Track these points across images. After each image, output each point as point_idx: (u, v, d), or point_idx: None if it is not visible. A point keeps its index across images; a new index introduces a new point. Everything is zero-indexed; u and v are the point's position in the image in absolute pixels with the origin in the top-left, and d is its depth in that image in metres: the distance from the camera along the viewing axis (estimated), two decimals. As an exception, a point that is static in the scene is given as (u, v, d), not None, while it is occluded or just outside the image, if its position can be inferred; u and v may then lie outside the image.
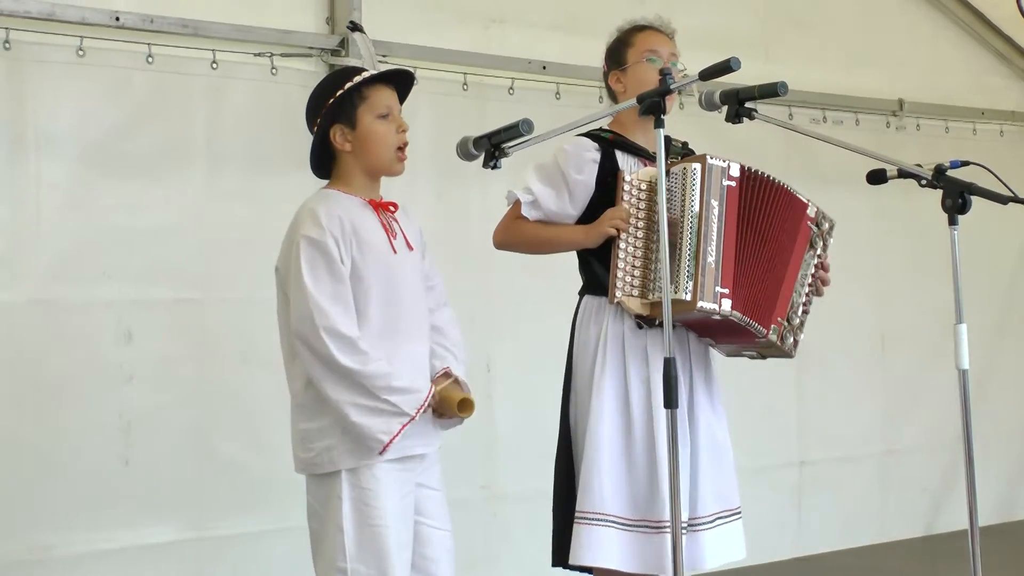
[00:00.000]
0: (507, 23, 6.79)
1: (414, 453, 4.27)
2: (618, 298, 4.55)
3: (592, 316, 4.68)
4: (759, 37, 7.71)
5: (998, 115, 8.81)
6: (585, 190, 4.67)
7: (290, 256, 4.23)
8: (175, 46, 5.77)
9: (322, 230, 4.19)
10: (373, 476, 4.19)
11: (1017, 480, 8.91)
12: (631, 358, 4.59)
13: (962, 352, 4.36)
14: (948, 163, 4.49)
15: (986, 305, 8.45)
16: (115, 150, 5.66)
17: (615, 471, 4.54)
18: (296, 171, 4.57)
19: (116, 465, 5.62)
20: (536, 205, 4.68)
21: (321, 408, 4.18)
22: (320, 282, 4.16)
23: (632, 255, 4.55)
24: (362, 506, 4.19)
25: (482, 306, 6.43)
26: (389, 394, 4.13)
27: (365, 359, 4.12)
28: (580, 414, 4.67)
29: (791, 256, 4.66)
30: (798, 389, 7.70)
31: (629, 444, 4.56)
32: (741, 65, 4.04)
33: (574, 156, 4.67)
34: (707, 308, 4.44)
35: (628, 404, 4.57)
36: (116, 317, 5.65)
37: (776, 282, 4.63)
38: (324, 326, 4.11)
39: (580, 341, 4.70)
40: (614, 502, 4.53)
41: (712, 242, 4.46)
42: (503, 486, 6.68)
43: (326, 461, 4.20)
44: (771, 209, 4.62)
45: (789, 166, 6.72)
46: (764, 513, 7.52)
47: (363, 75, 4.36)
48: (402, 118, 4.39)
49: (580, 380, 4.68)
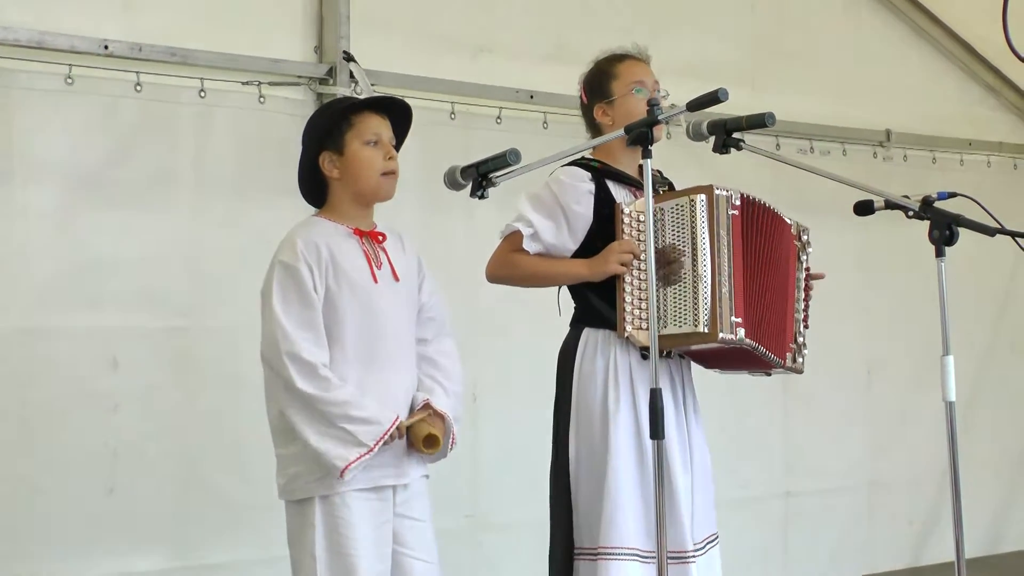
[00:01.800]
0: (495, 52, 6.79)
1: (387, 483, 4.27)
2: (628, 332, 4.54)
3: (597, 349, 4.66)
4: (747, 67, 7.72)
5: (986, 146, 8.82)
6: (584, 222, 4.67)
7: (266, 281, 4.26)
8: (163, 74, 5.75)
9: (296, 256, 4.22)
10: (345, 504, 4.21)
11: (1003, 513, 8.90)
12: (640, 390, 4.57)
13: (949, 384, 4.35)
14: (936, 194, 4.49)
15: (972, 337, 8.46)
16: (103, 178, 5.65)
17: (635, 504, 4.54)
18: (284, 199, 4.58)
19: (102, 493, 5.60)
20: (536, 238, 4.65)
21: (292, 434, 4.20)
22: (289, 307, 4.19)
23: (639, 288, 4.54)
24: (334, 534, 4.21)
25: (468, 335, 6.37)
26: (346, 422, 4.14)
27: (326, 385, 4.14)
28: (585, 449, 4.64)
29: (788, 277, 4.71)
30: (784, 420, 7.69)
31: (644, 476, 4.54)
32: (729, 96, 4.05)
33: (571, 187, 4.66)
34: (727, 339, 4.46)
35: (640, 436, 4.56)
36: (102, 345, 5.63)
37: (783, 310, 4.68)
38: (287, 351, 4.14)
39: (583, 374, 4.66)
40: (636, 535, 4.53)
41: (725, 272, 4.49)
42: (489, 515, 6.66)
43: (299, 487, 4.24)
44: (768, 235, 4.66)
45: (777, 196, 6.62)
46: (750, 544, 7.51)
47: (351, 101, 4.38)
48: (391, 146, 4.40)
49: (585, 413, 4.65)
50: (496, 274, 4.80)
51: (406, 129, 4.55)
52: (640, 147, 4.24)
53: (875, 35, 8.39)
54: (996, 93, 8.93)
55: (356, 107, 4.41)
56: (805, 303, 4.77)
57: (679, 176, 4.96)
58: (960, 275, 7.24)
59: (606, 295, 4.61)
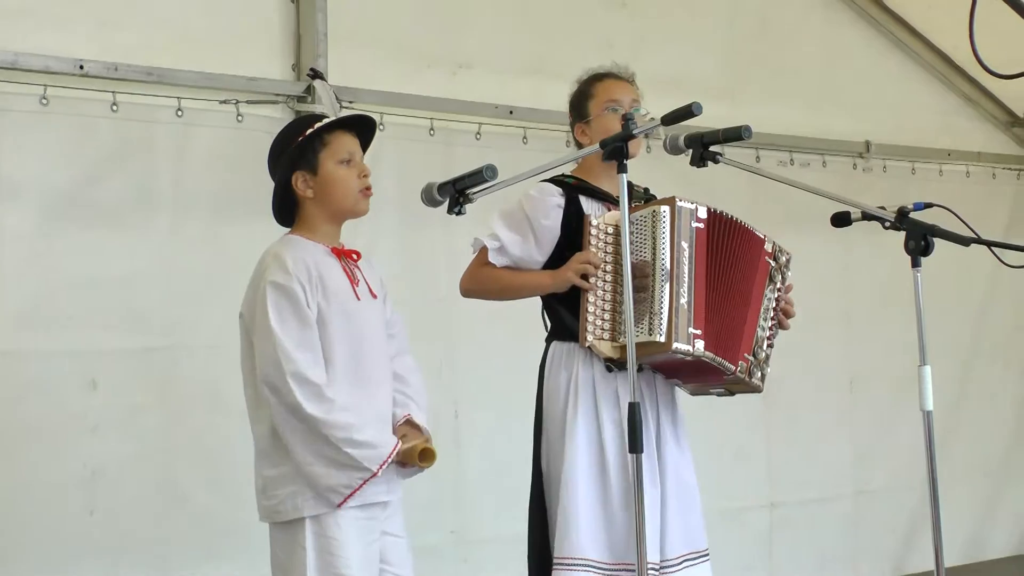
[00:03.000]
0: (474, 68, 6.79)
1: (377, 500, 4.25)
2: (589, 342, 4.57)
3: (562, 361, 4.69)
4: (726, 80, 7.73)
5: (964, 156, 8.85)
6: (551, 235, 4.69)
7: (256, 302, 4.22)
8: (140, 94, 5.74)
9: (289, 276, 4.19)
10: (337, 524, 4.17)
11: (985, 520, 8.92)
12: (603, 401, 4.60)
13: (926, 393, 4.36)
14: (911, 205, 4.51)
15: (954, 346, 8.48)
16: (80, 198, 5.63)
17: (592, 515, 4.55)
18: (263, 218, 4.56)
19: (82, 515, 5.57)
20: (503, 251, 4.69)
21: (284, 455, 4.16)
22: (287, 327, 4.15)
23: (602, 299, 4.57)
24: (326, 555, 4.16)
25: (449, 351, 6.42)
26: (350, 447, 4.11)
27: (330, 407, 4.10)
28: (552, 459, 4.67)
29: (752, 291, 4.69)
30: (767, 431, 7.69)
31: (605, 488, 4.56)
32: (703, 110, 4.06)
33: (539, 202, 4.70)
34: (682, 349, 4.46)
35: (602, 448, 4.58)
36: (81, 366, 5.61)
37: (740, 318, 4.66)
38: (291, 372, 4.10)
39: (550, 386, 4.71)
40: (593, 547, 4.53)
41: (684, 284, 4.50)
42: (473, 531, 6.64)
43: (289, 508, 4.18)
44: (735, 248, 4.66)
45: (756, 208, 6.68)
46: (735, 556, 7.50)
47: (324, 121, 4.37)
48: (364, 164, 4.40)
49: (551, 425, 4.68)
50: (468, 288, 4.84)
51: (370, 141, 4.54)
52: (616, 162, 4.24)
53: (854, 47, 8.42)
54: (974, 104, 8.96)
55: (328, 127, 4.40)
56: (772, 323, 4.74)
57: (659, 190, 4.96)
58: (941, 285, 7.30)
59: (573, 308, 4.63)
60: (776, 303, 4.74)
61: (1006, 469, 9.07)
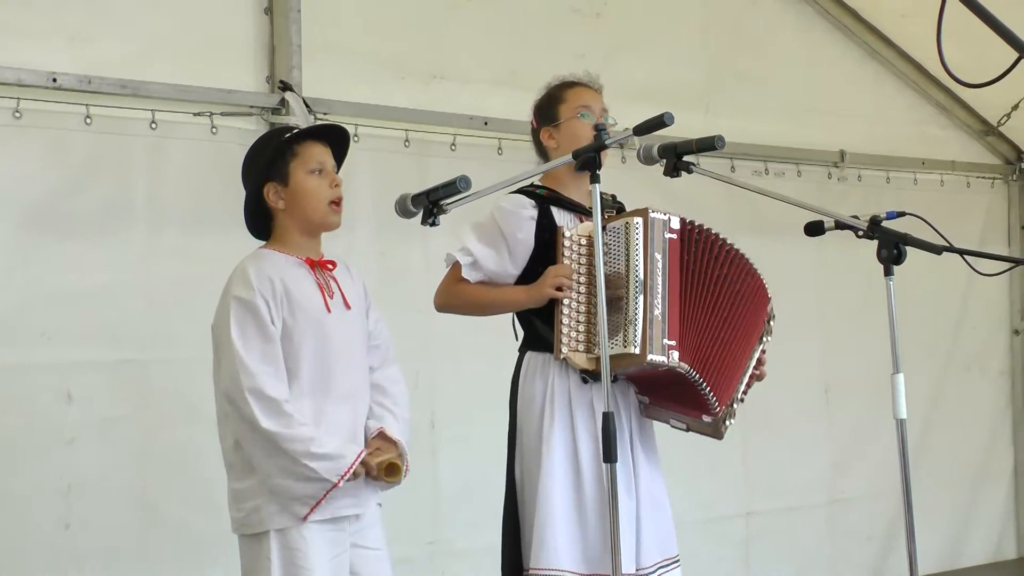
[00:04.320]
0: (448, 79, 6.79)
1: (345, 514, 4.26)
2: (564, 354, 4.57)
3: (537, 372, 4.69)
4: (701, 90, 7.75)
5: (939, 165, 8.88)
6: (524, 248, 4.69)
7: (220, 316, 4.23)
8: (114, 106, 5.72)
9: (252, 291, 4.19)
10: (302, 537, 4.18)
11: (962, 528, 8.94)
12: (578, 412, 4.61)
13: (900, 402, 4.39)
14: (884, 214, 4.53)
15: (929, 354, 8.50)
16: (54, 211, 5.61)
17: (568, 526, 4.56)
18: (238, 230, 4.56)
19: (57, 529, 5.55)
20: (476, 266, 4.69)
21: (249, 468, 4.18)
22: (249, 342, 4.16)
23: (576, 311, 4.58)
24: (291, 567, 4.17)
25: (425, 362, 6.41)
26: (309, 459, 4.11)
27: (288, 422, 4.11)
28: (527, 469, 4.67)
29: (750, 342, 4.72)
30: (744, 440, 7.69)
31: (580, 498, 4.58)
32: (675, 120, 4.08)
33: (512, 215, 4.69)
34: (656, 360, 4.47)
35: (577, 459, 4.59)
36: (57, 379, 5.59)
37: (733, 355, 4.66)
38: (249, 387, 4.11)
39: (525, 397, 4.71)
40: (568, 557, 4.54)
41: (658, 295, 4.50)
42: (450, 542, 6.64)
43: (255, 521, 4.19)
44: (716, 263, 4.66)
45: (732, 218, 6.72)
46: (712, 565, 7.52)
47: (294, 131, 4.37)
48: (336, 174, 4.39)
49: (526, 436, 4.69)
50: (442, 304, 4.83)
51: (344, 153, 4.54)
52: (588, 172, 4.25)
53: (828, 57, 8.43)
54: (948, 112, 8.98)
55: (298, 137, 4.40)
56: (750, 378, 4.76)
57: (636, 200, 4.96)
58: (916, 293, 7.32)
59: (548, 319, 4.63)
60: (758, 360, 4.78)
61: (981, 477, 9.11)
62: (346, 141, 4.54)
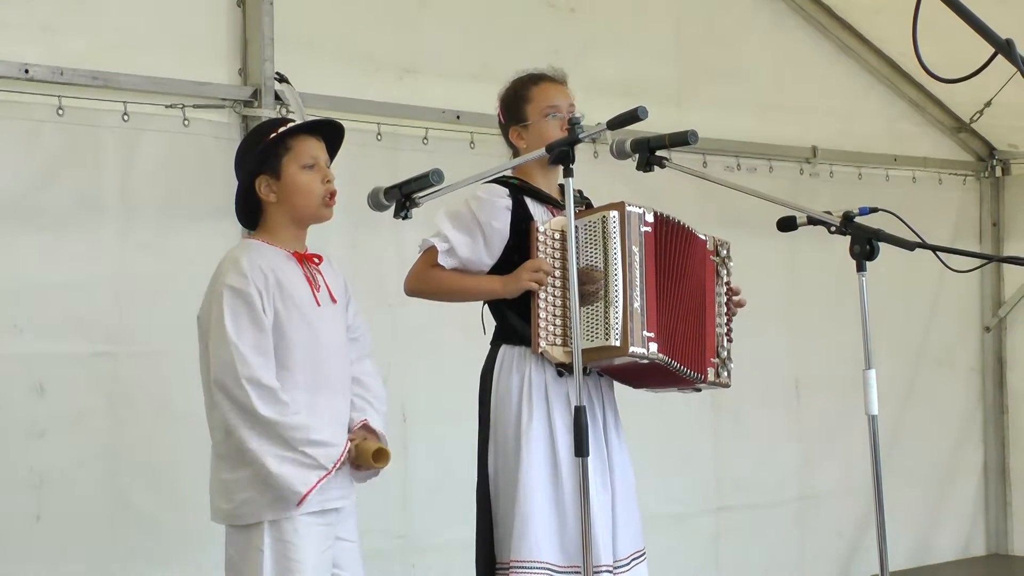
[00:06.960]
0: (420, 73, 6.78)
1: (334, 506, 4.27)
2: (542, 348, 4.59)
3: (513, 365, 4.70)
4: (674, 85, 7.75)
5: (911, 161, 8.89)
6: (500, 237, 4.70)
7: (211, 305, 4.23)
8: (86, 98, 5.69)
9: (245, 279, 4.19)
10: (294, 529, 4.19)
11: (933, 524, 8.97)
12: (555, 406, 4.63)
13: (871, 398, 4.40)
14: (857, 210, 4.54)
15: (899, 350, 8.52)
16: (26, 203, 5.58)
17: (547, 518, 4.58)
18: (210, 222, 4.56)
19: (28, 521, 5.53)
20: (452, 253, 4.69)
21: (242, 459, 4.17)
22: (243, 331, 4.16)
23: (553, 304, 4.59)
24: (283, 559, 4.18)
25: (397, 355, 6.40)
26: (308, 446, 4.13)
27: (285, 410, 4.12)
28: (501, 463, 4.69)
29: (705, 295, 4.76)
30: (714, 436, 7.71)
31: (559, 491, 4.60)
32: (648, 114, 4.08)
33: (488, 203, 4.70)
34: (638, 353, 4.51)
35: (555, 452, 4.61)
36: (28, 371, 5.56)
37: (700, 326, 4.75)
38: (246, 376, 4.11)
39: (500, 390, 4.71)
40: (548, 550, 4.56)
41: (636, 287, 4.53)
42: (420, 536, 6.64)
43: (247, 513, 4.19)
44: (681, 252, 4.73)
45: (704, 211, 6.75)
46: (682, 560, 7.54)
47: (288, 125, 4.37)
48: (328, 170, 4.40)
49: (502, 429, 4.69)
50: (413, 288, 4.83)
51: (337, 147, 4.55)
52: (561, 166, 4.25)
53: (801, 53, 8.44)
54: (920, 109, 8.99)
55: (293, 131, 4.40)
56: (728, 317, 4.82)
57: (608, 194, 4.98)
58: (888, 289, 7.35)
59: (523, 312, 4.65)
60: (727, 296, 4.81)
61: (952, 473, 9.13)
62: (340, 136, 4.53)
